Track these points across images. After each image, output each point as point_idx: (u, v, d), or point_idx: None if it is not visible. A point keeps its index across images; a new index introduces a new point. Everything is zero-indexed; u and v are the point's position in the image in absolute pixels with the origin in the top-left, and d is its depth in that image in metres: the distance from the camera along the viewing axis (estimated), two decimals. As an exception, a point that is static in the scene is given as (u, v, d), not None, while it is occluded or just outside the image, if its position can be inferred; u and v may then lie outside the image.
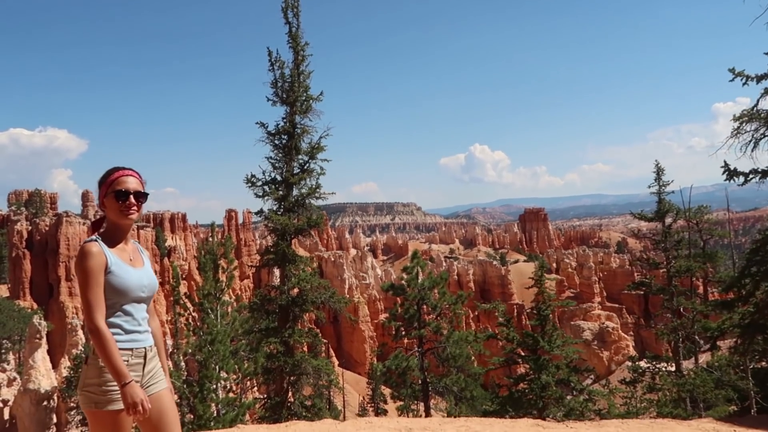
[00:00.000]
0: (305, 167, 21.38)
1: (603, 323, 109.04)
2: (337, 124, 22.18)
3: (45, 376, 63.58)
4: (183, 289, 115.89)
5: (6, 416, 63.43)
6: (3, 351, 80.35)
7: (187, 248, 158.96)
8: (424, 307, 37.29)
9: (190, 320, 17.71)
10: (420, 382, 35.76)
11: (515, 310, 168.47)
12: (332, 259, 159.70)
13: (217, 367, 16.33)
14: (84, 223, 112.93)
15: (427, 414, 37.32)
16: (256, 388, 22.83)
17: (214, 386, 16.28)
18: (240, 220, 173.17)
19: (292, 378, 19.84)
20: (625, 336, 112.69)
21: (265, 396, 19.98)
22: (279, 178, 21.27)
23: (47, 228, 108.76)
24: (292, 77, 21.44)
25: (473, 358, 38.71)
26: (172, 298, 18.58)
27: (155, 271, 5.33)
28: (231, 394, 16.24)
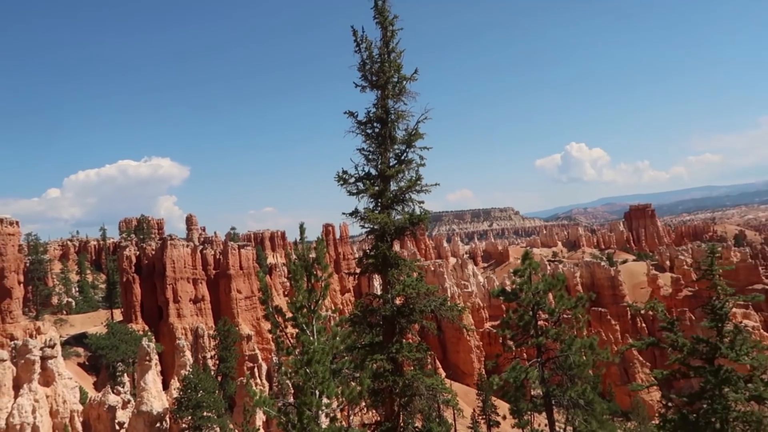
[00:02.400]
0: (402, 158, 18.71)
1: (740, 322, 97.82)
2: (432, 118, 19.37)
3: (156, 397, 64.00)
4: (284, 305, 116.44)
5: (122, 438, 64.24)
6: (118, 374, 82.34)
7: (287, 265, 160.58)
8: (540, 312, 33.99)
9: (284, 338, 15.41)
10: (541, 395, 32.37)
11: (629, 314, 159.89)
12: (432, 268, 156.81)
13: (316, 391, 13.92)
14: (187, 245, 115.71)
15: (552, 430, 33.70)
16: (363, 412, 20.22)
17: (314, 413, 13.84)
18: (338, 235, 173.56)
19: (403, 399, 17.12)
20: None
21: (374, 422, 17.35)
22: (374, 171, 18.71)
23: (153, 252, 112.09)
24: (381, 57, 18.81)
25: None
26: (262, 313, 16.34)
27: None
28: (335, 424, 13.78)
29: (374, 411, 18.30)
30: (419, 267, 19.15)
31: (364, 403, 17.89)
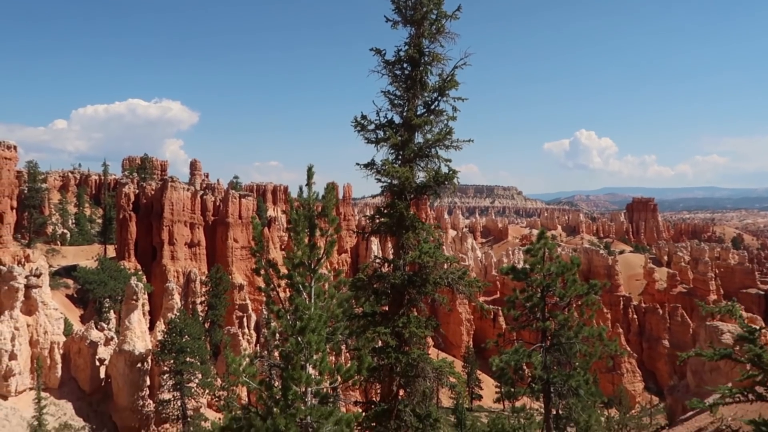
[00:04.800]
0: (432, 107, 16.26)
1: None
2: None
3: (140, 338, 62.57)
4: (281, 258, 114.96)
5: (102, 375, 62.97)
6: (104, 310, 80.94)
7: (287, 220, 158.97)
8: (549, 295, 32.09)
9: (277, 300, 13.23)
10: (540, 380, 30.59)
11: (621, 303, 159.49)
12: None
13: (308, 365, 11.82)
14: (188, 189, 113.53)
15: (547, 418, 32.07)
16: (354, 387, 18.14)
17: (302, 390, 11.76)
18: (341, 195, 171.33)
19: (403, 380, 15.04)
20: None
21: (367, 401, 15.28)
22: (398, 119, 16.29)
23: (153, 192, 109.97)
24: (421, -13, 16.16)
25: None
26: (254, 266, 14.08)
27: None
28: (326, 405, 11.68)
29: (368, 388, 16.31)
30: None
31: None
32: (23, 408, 52.83)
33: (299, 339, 11.65)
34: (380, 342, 15.56)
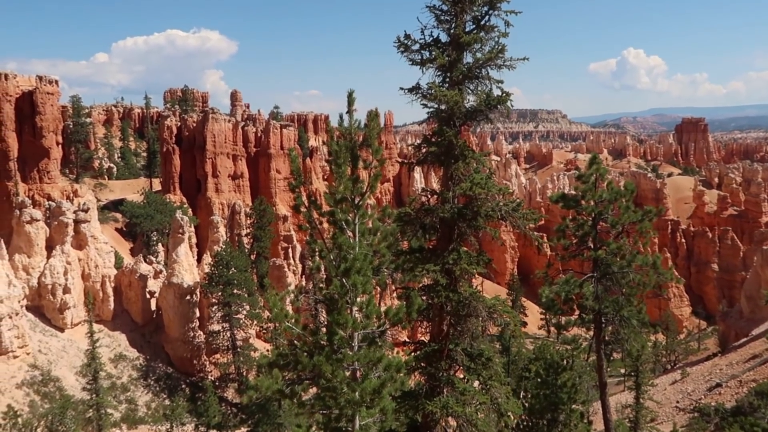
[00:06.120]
0: (483, 22, 14.69)
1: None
2: None
3: (188, 270, 63.56)
4: (324, 188, 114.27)
5: (153, 307, 64.56)
6: (152, 243, 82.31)
7: (328, 145, 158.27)
8: (601, 223, 30.83)
9: (318, 236, 12.33)
10: (592, 310, 29.68)
11: (669, 227, 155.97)
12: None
13: (353, 308, 11.00)
14: (229, 121, 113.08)
15: (598, 349, 31.33)
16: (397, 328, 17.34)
17: (348, 335, 10.99)
18: (381, 123, 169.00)
19: (454, 319, 14.18)
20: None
21: (416, 341, 14.49)
22: (445, 37, 14.81)
23: (195, 124, 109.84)
24: None
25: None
26: (294, 203, 13.12)
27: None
28: (373, 349, 10.91)
29: (417, 327, 15.54)
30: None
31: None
32: (79, 339, 54.63)
33: (344, 281, 10.81)
34: (426, 279, 14.72)
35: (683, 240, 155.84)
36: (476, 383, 15.66)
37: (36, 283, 55.74)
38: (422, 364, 15.13)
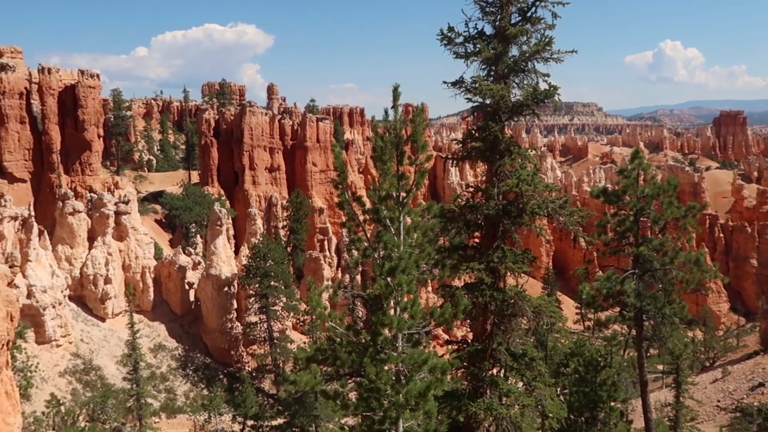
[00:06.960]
0: (529, 14, 14.26)
1: None
2: None
3: (226, 262, 64.15)
4: (359, 182, 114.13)
5: (192, 298, 65.40)
6: (191, 235, 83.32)
7: (364, 143, 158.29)
8: (642, 219, 30.20)
9: (361, 236, 12.11)
10: (633, 308, 29.01)
11: (707, 222, 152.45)
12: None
13: (398, 308, 10.78)
14: (266, 114, 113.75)
15: (639, 346, 30.72)
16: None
17: (393, 335, 10.79)
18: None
19: (497, 318, 13.87)
20: None
21: (460, 340, 14.21)
22: (490, 30, 14.44)
23: (232, 117, 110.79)
24: None
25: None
26: (337, 199, 12.93)
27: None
28: (419, 348, 10.69)
29: (460, 326, 15.30)
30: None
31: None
32: (120, 329, 55.61)
33: (389, 281, 10.60)
34: (467, 277, 14.42)
35: (721, 235, 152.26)
36: (520, 384, 15.39)
37: (78, 273, 56.86)
38: (465, 363, 14.88)
